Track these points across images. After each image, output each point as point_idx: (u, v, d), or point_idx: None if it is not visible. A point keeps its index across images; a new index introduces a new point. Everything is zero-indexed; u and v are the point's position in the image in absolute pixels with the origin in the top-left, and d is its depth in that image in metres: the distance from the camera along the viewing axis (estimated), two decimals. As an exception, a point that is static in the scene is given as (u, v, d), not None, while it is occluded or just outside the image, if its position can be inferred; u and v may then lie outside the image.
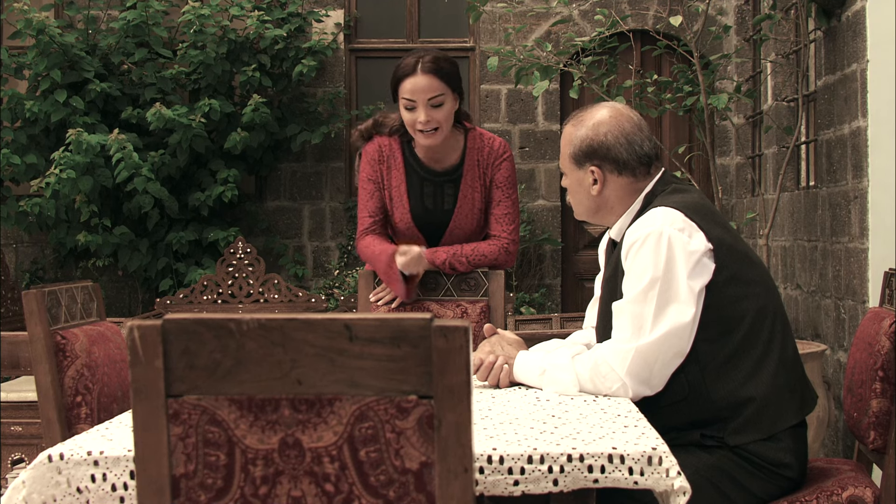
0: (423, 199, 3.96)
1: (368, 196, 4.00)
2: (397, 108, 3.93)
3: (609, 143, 2.93)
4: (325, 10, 8.51)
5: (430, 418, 1.49)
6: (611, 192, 2.95)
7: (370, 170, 3.99)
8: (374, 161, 3.98)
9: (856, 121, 5.19)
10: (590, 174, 2.95)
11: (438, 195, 3.97)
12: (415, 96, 3.79)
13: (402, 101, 3.83)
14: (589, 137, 2.94)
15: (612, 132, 2.94)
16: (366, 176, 4.00)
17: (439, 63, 3.82)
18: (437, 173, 3.97)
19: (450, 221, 3.96)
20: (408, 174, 3.97)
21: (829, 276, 5.65)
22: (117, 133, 7.40)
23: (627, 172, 2.94)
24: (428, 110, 3.80)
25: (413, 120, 3.82)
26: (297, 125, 8.23)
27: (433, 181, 3.96)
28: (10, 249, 8.51)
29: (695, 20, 7.35)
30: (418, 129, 3.82)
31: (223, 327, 1.50)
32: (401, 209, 3.95)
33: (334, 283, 8.15)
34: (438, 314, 3.90)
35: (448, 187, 3.97)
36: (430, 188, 3.97)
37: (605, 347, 2.74)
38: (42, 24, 7.58)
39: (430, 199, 3.97)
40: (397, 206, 3.95)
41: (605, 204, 2.97)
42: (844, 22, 5.37)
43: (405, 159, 3.97)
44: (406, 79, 3.81)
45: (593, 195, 2.96)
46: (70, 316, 3.11)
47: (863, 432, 2.94)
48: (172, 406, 1.54)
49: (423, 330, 1.47)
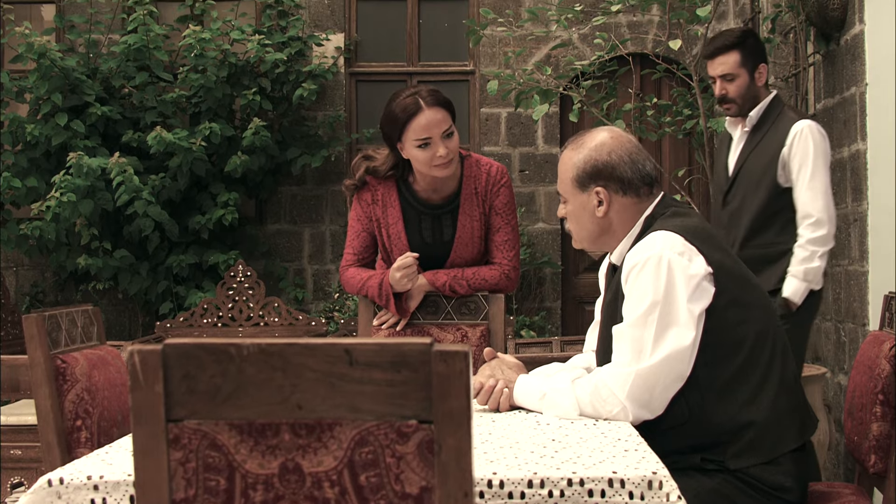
0: (421, 234, 3.94)
1: (355, 235, 3.99)
2: (381, 146, 3.93)
3: (614, 162, 2.93)
4: (325, 34, 8.54)
5: (430, 443, 1.49)
6: (615, 213, 2.94)
7: (360, 211, 3.96)
8: (366, 204, 3.95)
9: (855, 144, 5.20)
10: (594, 196, 2.94)
11: (437, 228, 3.95)
12: (430, 132, 3.72)
13: (414, 141, 3.74)
14: (593, 158, 2.94)
15: (615, 151, 2.95)
16: (355, 216, 3.99)
17: (439, 95, 3.79)
18: (434, 206, 3.94)
19: (450, 252, 3.95)
20: (404, 210, 3.93)
21: (830, 298, 5.65)
22: (118, 156, 7.41)
23: (632, 192, 2.94)
24: (445, 142, 3.74)
25: (429, 156, 3.75)
26: (298, 148, 8.24)
27: (431, 214, 3.94)
28: (10, 272, 8.51)
29: (694, 44, 7.37)
30: (436, 164, 3.76)
31: (223, 352, 1.50)
32: (400, 245, 3.92)
33: (334, 306, 8.14)
34: (439, 338, 3.90)
35: (446, 219, 3.94)
36: (427, 221, 3.94)
37: (605, 371, 2.74)
38: (43, 48, 7.60)
39: (429, 233, 3.95)
40: (396, 243, 3.93)
41: (608, 227, 2.95)
42: (843, 46, 5.39)
43: (401, 196, 3.93)
44: (414, 118, 3.73)
45: (598, 217, 2.94)
46: (70, 340, 3.11)
47: (863, 456, 2.94)
48: (173, 431, 1.53)
49: (423, 355, 1.47)
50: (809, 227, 4.51)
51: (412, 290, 3.91)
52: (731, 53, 4.67)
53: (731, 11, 8.19)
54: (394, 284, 3.86)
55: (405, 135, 3.76)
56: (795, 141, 4.54)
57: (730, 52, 4.67)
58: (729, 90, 4.70)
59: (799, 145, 4.54)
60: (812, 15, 5.53)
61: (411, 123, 3.73)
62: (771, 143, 4.62)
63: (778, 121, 4.66)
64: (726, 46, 4.68)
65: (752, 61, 4.70)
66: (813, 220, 4.50)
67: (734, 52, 4.68)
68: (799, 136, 4.55)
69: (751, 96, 4.70)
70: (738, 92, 4.69)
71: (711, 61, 4.74)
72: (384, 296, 3.88)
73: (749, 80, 4.69)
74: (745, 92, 4.69)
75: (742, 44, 4.69)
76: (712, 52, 4.74)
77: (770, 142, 4.63)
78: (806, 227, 4.52)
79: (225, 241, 8.30)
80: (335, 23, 8.68)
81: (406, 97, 3.77)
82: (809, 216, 4.50)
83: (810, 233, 4.51)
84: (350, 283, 3.98)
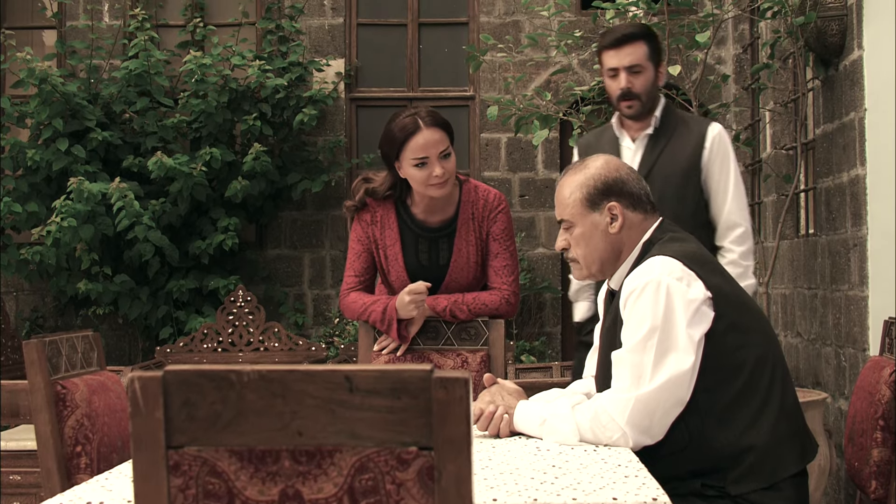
0: (417, 256, 3.95)
1: (356, 256, 4.00)
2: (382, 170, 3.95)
3: (623, 177, 2.94)
4: (325, 59, 8.57)
5: (430, 469, 1.49)
6: (626, 230, 2.93)
7: (360, 231, 3.98)
8: (365, 224, 3.97)
9: (854, 169, 5.21)
10: (607, 212, 2.92)
11: (434, 251, 3.95)
12: (427, 152, 3.75)
13: (411, 160, 3.77)
14: (603, 175, 2.94)
15: (622, 168, 2.97)
16: (355, 237, 4.00)
17: (437, 116, 3.82)
18: (431, 229, 3.95)
19: (446, 276, 3.95)
20: (402, 232, 3.95)
21: (830, 323, 5.65)
22: (118, 182, 7.43)
23: (640, 209, 2.94)
24: (441, 162, 3.76)
25: (426, 176, 3.77)
26: (298, 174, 8.26)
27: (428, 237, 3.95)
28: (10, 297, 8.51)
29: (693, 69, 7.40)
30: (431, 184, 3.79)
31: (224, 378, 1.50)
32: (396, 267, 3.94)
33: (334, 331, 8.14)
34: (439, 363, 3.90)
35: (443, 242, 3.95)
36: (424, 244, 3.95)
37: (604, 397, 2.74)
38: (44, 74, 7.64)
39: (426, 255, 3.96)
40: (392, 264, 3.94)
41: (620, 245, 2.94)
42: (842, 71, 5.40)
43: (399, 218, 3.95)
44: (412, 138, 3.76)
45: (612, 234, 2.92)
46: (70, 365, 3.11)
47: (864, 482, 2.93)
48: (173, 457, 1.53)
49: (423, 381, 1.47)
50: (738, 239, 4.21)
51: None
52: (640, 44, 4.20)
53: (730, 37, 8.22)
54: (400, 309, 3.86)
55: (403, 154, 3.78)
56: (716, 144, 4.20)
57: (639, 41, 4.20)
58: (635, 84, 4.18)
59: (719, 149, 4.19)
60: (811, 41, 5.55)
61: (409, 143, 3.75)
62: (684, 147, 4.21)
63: (684, 124, 4.27)
64: (635, 35, 4.21)
65: (657, 57, 4.26)
66: (741, 232, 4.20)
67: (642, 42, 4.21)
68: (718, 140, 4.21)
69: (653, 96, 4.24)
70: (644, 87, 4.19)
71: (618, 50, 4.20)
72: (387, 320, 3.88)
73: (654, 77, 4.23)
74: (651, 89, 4.22)
75: (649, 36, 4.25)
76: (620, 40, 4.21)
77: (683, 146, 4.21)
78: (734, 240, 4.21)
79: (225, 265, 8.30)
80: (335, 48, 8.71)
81: (405, 117, 3.80)
82: (737, 226, 4.18)
83: (739, 246, 4.20)
84: (351, 308, 3.98)
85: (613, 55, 4.21)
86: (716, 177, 4.18)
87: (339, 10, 8.74)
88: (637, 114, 4.22)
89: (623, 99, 4.20)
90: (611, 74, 4.24)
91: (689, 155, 4.18)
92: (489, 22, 8.62)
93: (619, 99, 4.22)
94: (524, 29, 8.48)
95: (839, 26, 5.34)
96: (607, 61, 4.24)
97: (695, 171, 4.17)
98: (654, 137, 4.24)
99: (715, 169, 4.18)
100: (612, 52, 4.21)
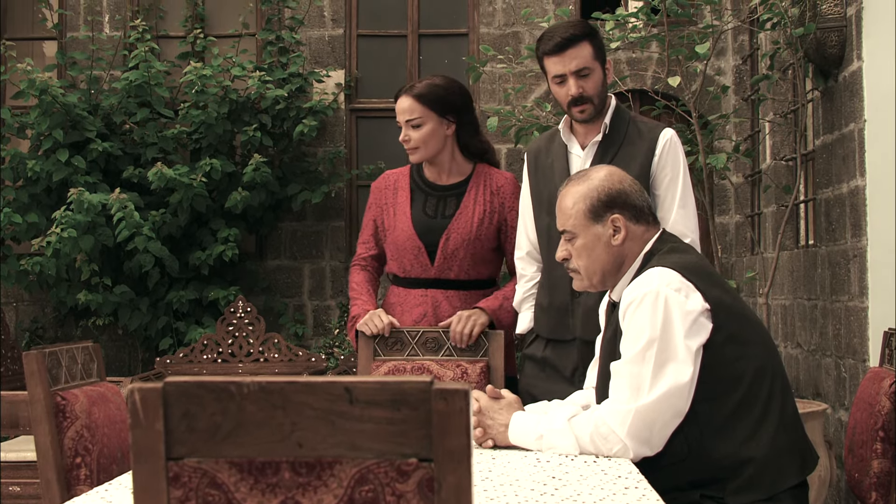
0: (424, 209, 4.16)
1: (365, 224, 4.30)
2: None
3: (626, 189, 2.95)
4: (325, 70, 8.58)
5: (430, 481, 1.49)
6: (628, 242, 2.94)
7: (373, 196, 4.27)
8: (379, 188, 4.28)
9: (854, 180, 5.21)
10: (610, 224, 2.93)
11: (441, 205, 4.15)
12: (399, 117, 4.13)
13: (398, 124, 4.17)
14: (606, 187, 2.94)
15: (625, 180, 2.97)
16: (369, 202, 4.30)
17: (424, 89, 4.10)
18: (441, 187, 4.18)
19: (447, 227, 4.11)
20: (412, 191, 4.21)
21: (830, 334, 5.65)
22: (118, 192, 7.43)
23: (643, 221, 2.95)
24: (407, 129, 4.10)
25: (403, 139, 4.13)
26: (298, 184, 8.26)
27: (437, 195, 4.17)
28: (10, 308, 8.51)
29: (693, 80, 7.40)
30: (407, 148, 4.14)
31: (224, 390, 1.50)
32: (403, 219, 4.14)
33: (334, 342, 8.13)
34: (438, 374, 3.90)
35: (451, 199, 4.16)
36: (433, 200, 4.17)
37: (604, 409, 2.74)
38: (45, 85, 7.64)
39: (433, 209, 4.16)
40: (400, 217, 4.15)
41: (622, 257, 2.94)
42: (842, 82, 5.41)
43: (412, 180, 4.23)
44: (396, 101, 4.16)
45: (614, 246, 2.93)
46: (70, 376, 3.11)
47: (864, 493, 2.93)
48: (172, 469, 1.53)
49: (423, 393, 1.47)
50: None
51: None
52: (584, 45, 3.87)
53: (729, 48, 8.23)
54: (363, 321, 4.04)
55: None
56: (666, 150, 3.91)
57: (582, 43, 3.87)
58: (586, 88, 3.86)
59: (669, 155, 3.90)
60: (810, 52, 5.56)
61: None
62: (635, 154, 3.92)
63: (635, 129, 3.98)
64: (577, 37, 3.87)
65: (602, 55, 3.94)
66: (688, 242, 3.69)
67: (586, 43, 3.88)
68: (669, 145, 3.92)
69: (604, 97, 3.96)
70: (595, 89, 3.89)
71: (561, 55, 3.88)
72: (351, 327, 4.15)
73: (603, 77, 3.93)
74: (602, 90, 3.93)
75: (591, 34, 3.92)
76: (561, 45, 3.87)
77: (634, 153, 3.92)
78: None
79: (225, 276, 8.30)
80: (336, 59, 8.72)
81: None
82: (683, 236, 3.71)
83: None
84: (349, 286, 4.29)
85: (557, 61, 3.90)
86: (664, 184, 3.90)
87: (340, 21, 8.75)
88: (591, 117, 3.93)
89: (575, 104, 3.90)
90: (557, 81, 3.92)
91: (641, 162, 3.91)
92: (489, 33, 8.63)
93: (570, 105, 3.92)
94: (524, 40, 8.48)
95: (839, 37, 5.35)
96: (551, 68, 3.93)
97: (645, 178, 3.88)
98: (603, 144, 3.95)
99: (663, 176, 3.90)
100: (556, 58, 3.90)
